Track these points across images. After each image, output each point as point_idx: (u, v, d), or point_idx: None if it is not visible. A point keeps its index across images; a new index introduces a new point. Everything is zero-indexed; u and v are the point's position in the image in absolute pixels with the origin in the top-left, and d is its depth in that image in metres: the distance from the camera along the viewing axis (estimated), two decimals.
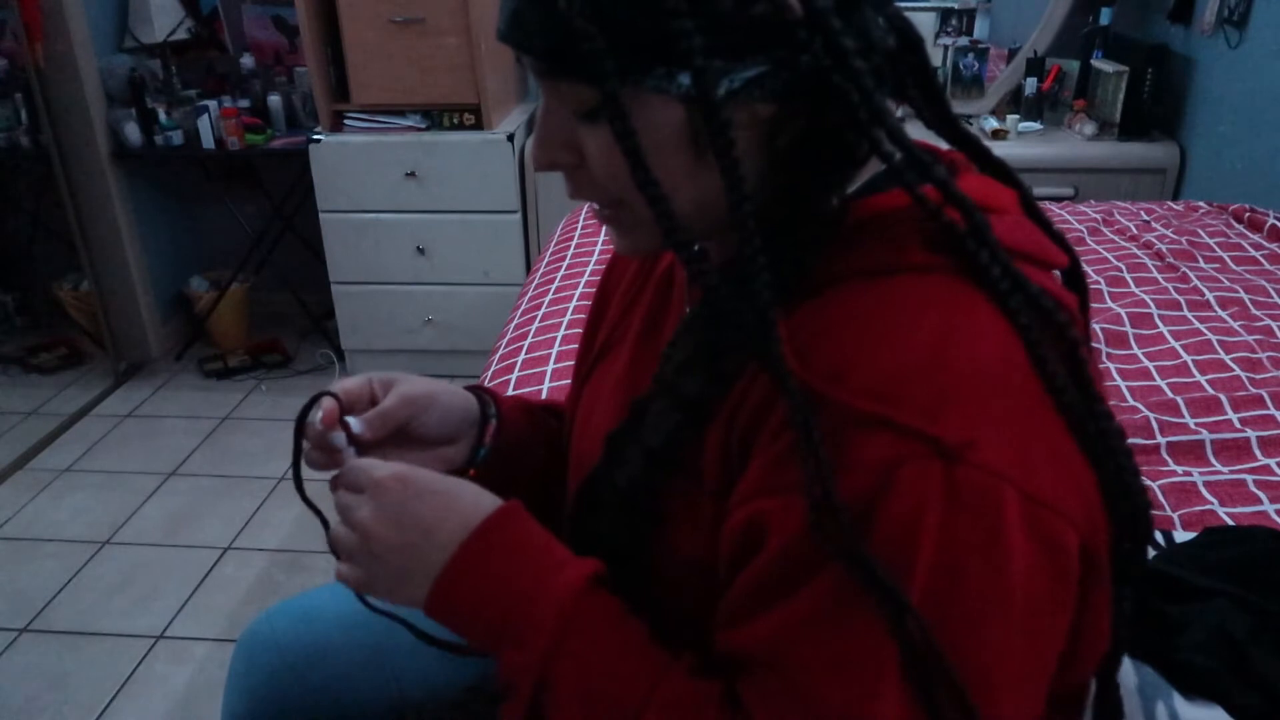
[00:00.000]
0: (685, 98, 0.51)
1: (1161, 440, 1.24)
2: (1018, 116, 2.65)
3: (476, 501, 0.60)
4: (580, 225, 2.16)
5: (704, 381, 0.57)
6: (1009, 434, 0.48)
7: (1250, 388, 1.33)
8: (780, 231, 0.55)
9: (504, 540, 0.58)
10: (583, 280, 1.84)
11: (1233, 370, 1.38)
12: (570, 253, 2.01)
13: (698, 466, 0.58)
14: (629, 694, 0.54)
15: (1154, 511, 1.10)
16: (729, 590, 0.54)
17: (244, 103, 2.91)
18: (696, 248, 0.55)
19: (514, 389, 1.48)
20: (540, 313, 1.74)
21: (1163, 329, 1.53)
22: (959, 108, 2.72)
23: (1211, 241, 1.90)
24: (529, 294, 1.89)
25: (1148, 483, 1.13)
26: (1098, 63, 2.62)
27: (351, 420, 0.70)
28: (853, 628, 0.48)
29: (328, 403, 0.69)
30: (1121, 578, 0.54)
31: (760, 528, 0.51)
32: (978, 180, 0.59)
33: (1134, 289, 1.69)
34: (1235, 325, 1.52)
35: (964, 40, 2.81)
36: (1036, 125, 2.67)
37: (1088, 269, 1.76)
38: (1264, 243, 1.90)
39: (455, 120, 2.63)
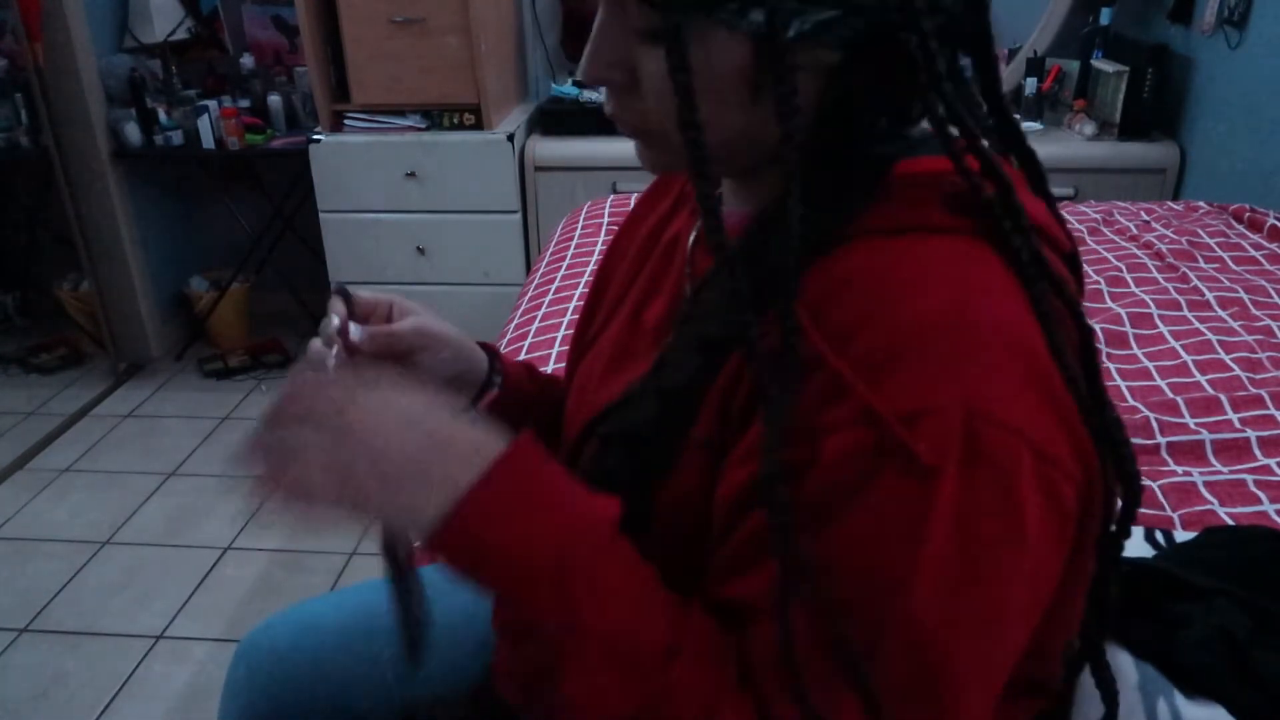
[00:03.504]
0: (754, 34, 0.50)
1: (1161, 440, 1.24)
2: (1018, 116, 2.64)
3: (475, 421, 0.54)
4: (580, 225, 2.16)
5: (723, 326, 0.57)
6: (1023, 391, 0.48)
7: (1250, 388, 1.33)
8: (817, 183, 0.54)
9: (535, 471, 0.53)
10: (583, 280, 1.84)
11: (1233, 370, 1.38)
12: (570, 253, 2.01)
13: (701, 415, 0.57)
14: (655, 637, 0.52)
15: (1154, 511, 1.11)
16: (728, 543, 0.54)
17: (244, 103, 2.90)
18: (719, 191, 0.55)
19: None
20: (540, 313, 1.74)
21: (1163, 329, 1.53)
22: None
23: (1211, 241, 1.90)
24: (529, 294, 1.89)
25: (1147, 482, 1.14)
26: (1098, 63, 2.62)
27: (354, 327, 0.63)
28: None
29: (338, 306, 0.64)
30: (1108, 557, 0.55)
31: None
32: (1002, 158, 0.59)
33: (1134, 289, 1.69)
34: (1235, 325, 1.52)
35: None
36: (1036, 125, 2.66)
37: (1088, 269, 1.77)
38: (1264, 243, 1.90)
39: (455, 120, 2.63)
